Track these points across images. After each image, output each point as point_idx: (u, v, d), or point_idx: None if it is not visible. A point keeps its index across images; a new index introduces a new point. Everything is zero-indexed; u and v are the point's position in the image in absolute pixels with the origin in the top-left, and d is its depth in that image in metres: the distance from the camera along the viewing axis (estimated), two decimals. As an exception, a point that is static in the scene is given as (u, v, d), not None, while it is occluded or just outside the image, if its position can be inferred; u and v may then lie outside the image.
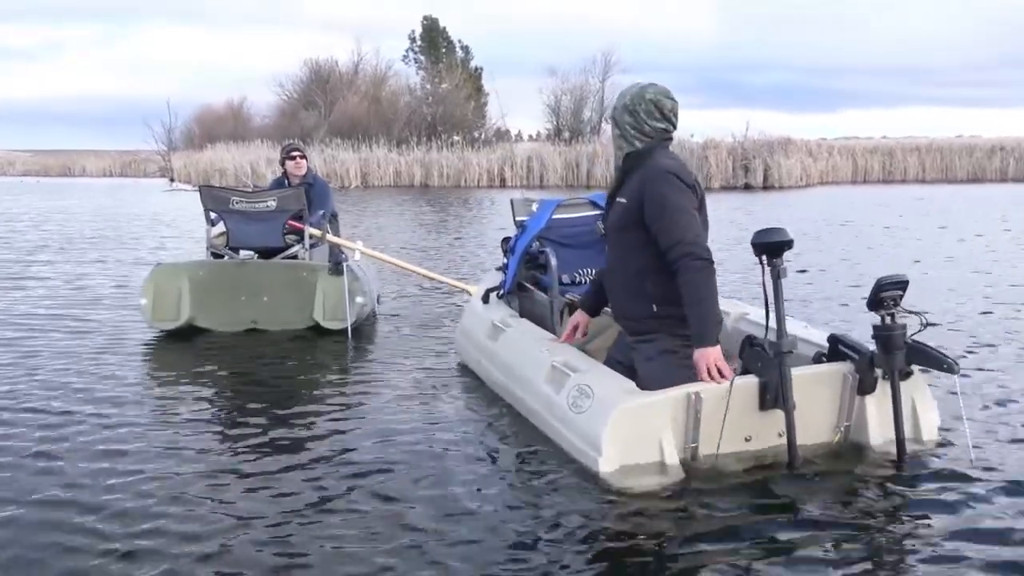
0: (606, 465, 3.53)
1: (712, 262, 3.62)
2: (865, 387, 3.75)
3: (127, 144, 48.55)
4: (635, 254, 3.75)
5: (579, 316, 4.37)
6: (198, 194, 6.81)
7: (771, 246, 3.58)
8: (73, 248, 12.52)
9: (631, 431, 3.56)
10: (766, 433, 3.71)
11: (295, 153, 7.45)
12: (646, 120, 3.75)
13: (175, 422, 4.44)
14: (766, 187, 30.02)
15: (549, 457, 3.86)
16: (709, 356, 3.58)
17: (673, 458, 3.57)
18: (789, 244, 3.56)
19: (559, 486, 3.56)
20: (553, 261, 4.90)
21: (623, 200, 3.77)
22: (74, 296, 8.29)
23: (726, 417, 3.56)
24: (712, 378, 3.56)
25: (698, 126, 30.19)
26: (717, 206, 14.49)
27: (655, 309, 3.73)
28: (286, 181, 7.42)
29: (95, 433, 4.24)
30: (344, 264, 6.37)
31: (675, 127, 3.83)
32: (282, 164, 7.51)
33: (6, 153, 58.18)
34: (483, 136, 41.15)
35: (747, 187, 30.01)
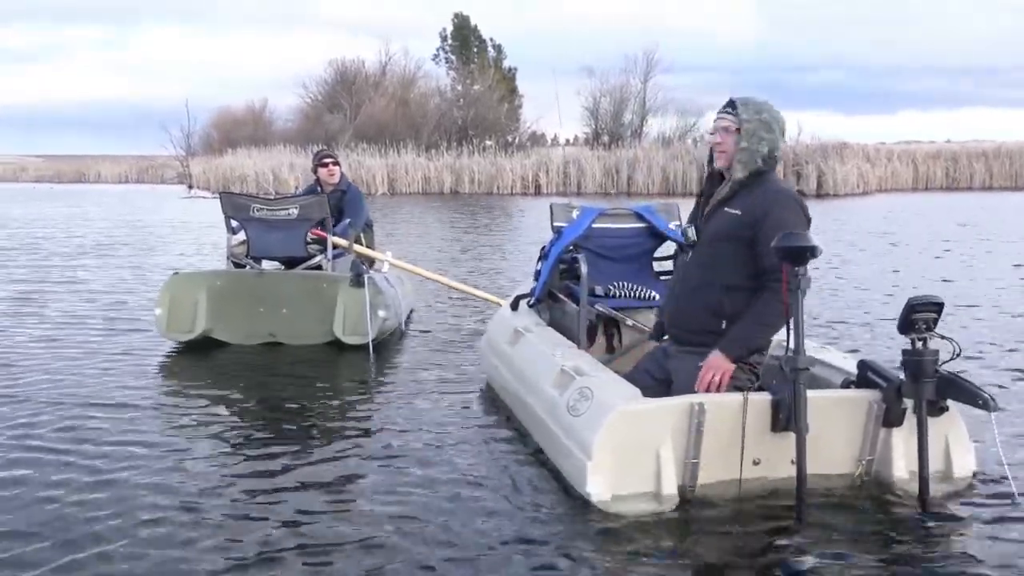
0: (594, 472, 3.51)
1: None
2: (892, 418, 3.69)
3: (141, 149, 49.43)
4: (728, 267, 3.83)
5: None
6: (218, 201, 6.94)
7: (793, 251, 3.49)
8: (88, 256, 12.81)
9: (626, 438, 3.55)
10: (777, 458, 3.67)
11: (327, 160, 7.58)
12: (779, 139, 3.88)
13: (183, 437, 4.56)
14: (820, 195, 29.77)
15: (543, 474, 3.98)
16: (721, 366, 3.72)
17: (669, 474, 3.55)
18: (813, 251, 3.47)
19: (548, 504, 3.65)
20: (584, 269, 4.93)
21: (736, 212, 3.82)
22: (89, 304, 8.48)
23: (744, 434, 3.59)
24: (707, 386, 3.69)
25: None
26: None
27: (723, 326, 3.83)
28: (319, 188, 7.56)
29: (103, 446, 4.37)
30: (365, 276, 6.43)
31: None
32: (314, 171, 7.65)
33: (18, 159, 59.50)
34: (517, 140, 41.30)
35: (799, 194, 29.73)
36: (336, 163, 7.61)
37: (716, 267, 3.87)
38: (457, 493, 3.79)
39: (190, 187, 36.61)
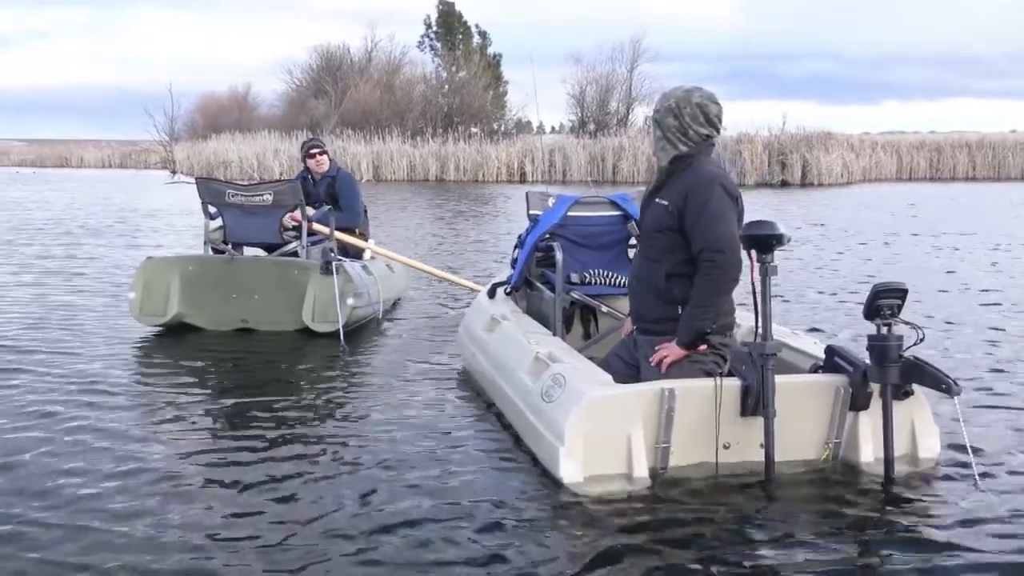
0: (566, 457, 3.58)
1: (733, 278, 3.79)
2: (858, 402, 3.78)
3: (125, 134, 49.25)
4: (668, 257, 3.91)
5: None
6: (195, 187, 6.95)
7: (760, 240, 3.60)
8: (66, 240, 12.73)
9: (598, 423, 3.62)
10: (747, 442, 3.76)
11: (315, 151, 7.57)
12: (691, 124, 3.88)
13: (151, 420, 4.59)
14: (804, 184, 29.93)
15: (518, 458, 4.03)
16: (672, 351, 3.85)
17: (640, 458, 3.62)
18: (779, 239, 3.58)
19: (522, 486, 3.70)
20: (559, 256, 4.98)
21: (664, 202, 3.91)
22: (63, 287, 8.47)
23: (715, 419, 3.66)
24: (656, 361, 3.88)
25: (730, 118, 30.02)
26: (750, 204, 14.20)
27: (679, 312, 3.90)
28: (309, 177, 7.57)
29: (69, 434, 4.34)
30: (334, 264, 6.45)
31: (719, 132, 3.99)
32: (303, 161, 7.66)
33: (1, 143, 58.97)
34: (502, 128, 41.25)
35: (784, 184, 29.95)
36: (323, 152, 7.60)
37: (659, 258, 3.94)
38: (430, 476, 3.82)
39: (173, 172, 36.45)
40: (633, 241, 5.45)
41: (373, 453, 4.13)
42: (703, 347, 3.86)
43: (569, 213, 5.29)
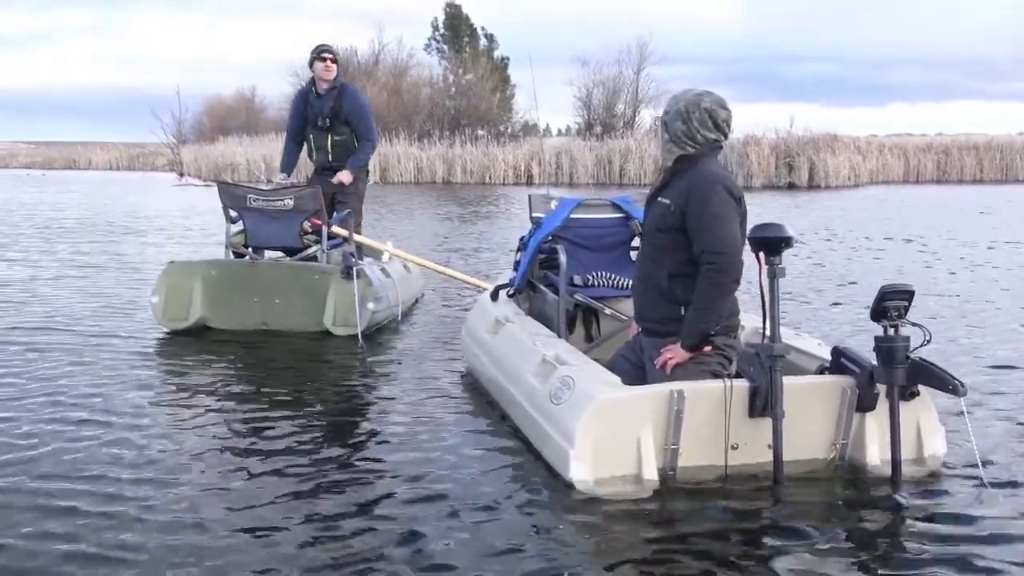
0: (576, 459, 3.62)
1: (735, 279, 3.83)
2: (865, 404, 3.82)
3: (132, 136, 49.49)
4: (670, 256, 3.96)
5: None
6: (216, 190, 7.03)
7: (768, 242, 3.66)
8: (83, 238, 12.80)
9: (608, 426, 3.66)
10: (755, 442, 3.80)
11: (326, 55, 7.31)
12: (699, 129, 3.93)
13: (173, 424, 4.63)
14: (812, 186, 29.92)
15: (525, 459, 4.08)
16: (677, 354, 3.91)
17: (649, 460, 3.66)
18: (787, 241, 3.64)
19: (529, 487, 3.74)
20: (563, 259, 5.04)
21: (666, 201, 3.96)
22: (82, 293, 8.52)
23: (724, 420, 3.71)
24: (661, 364, 3.93)
25: (736, 121, 29.95)
26: (758, 206, 14.30)
27: (682, 312, 3.95)
28: (313, 88, 7.46)
29: (91, 434, 4.38)
30: (355, 268, 6.51)
31: (726, 137, 4.05)
32: (310, 66, 7.43)
33: (9, 145, 59.26)
34: (509, 130, 41.31)
35: (791, 186, 29.93)
36: (335, 60, 7.39)
37: (660, 257, 4.00)
38: (437, 477, 3.86)
39: (181, 175, 36.57)
40: (636, 243, 5.53)
41: (378, 454, 4.18)
42: (708, 349, 3.92)
43: (571, 215, 5.34)
